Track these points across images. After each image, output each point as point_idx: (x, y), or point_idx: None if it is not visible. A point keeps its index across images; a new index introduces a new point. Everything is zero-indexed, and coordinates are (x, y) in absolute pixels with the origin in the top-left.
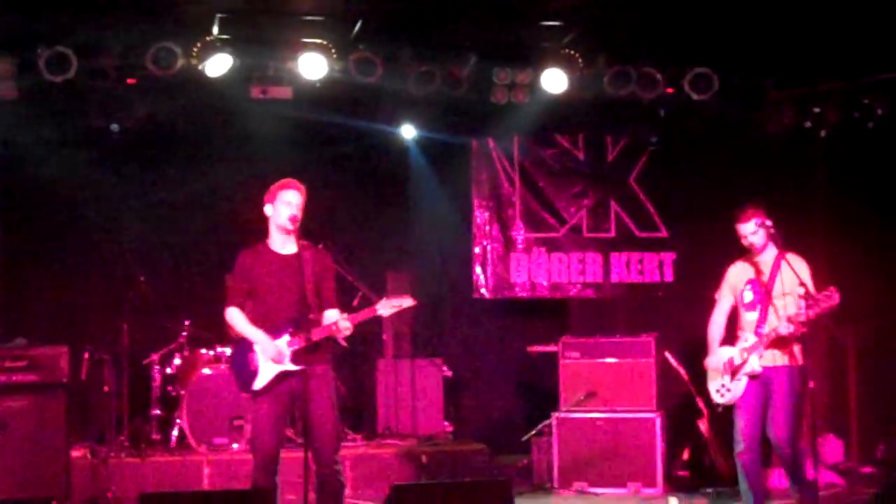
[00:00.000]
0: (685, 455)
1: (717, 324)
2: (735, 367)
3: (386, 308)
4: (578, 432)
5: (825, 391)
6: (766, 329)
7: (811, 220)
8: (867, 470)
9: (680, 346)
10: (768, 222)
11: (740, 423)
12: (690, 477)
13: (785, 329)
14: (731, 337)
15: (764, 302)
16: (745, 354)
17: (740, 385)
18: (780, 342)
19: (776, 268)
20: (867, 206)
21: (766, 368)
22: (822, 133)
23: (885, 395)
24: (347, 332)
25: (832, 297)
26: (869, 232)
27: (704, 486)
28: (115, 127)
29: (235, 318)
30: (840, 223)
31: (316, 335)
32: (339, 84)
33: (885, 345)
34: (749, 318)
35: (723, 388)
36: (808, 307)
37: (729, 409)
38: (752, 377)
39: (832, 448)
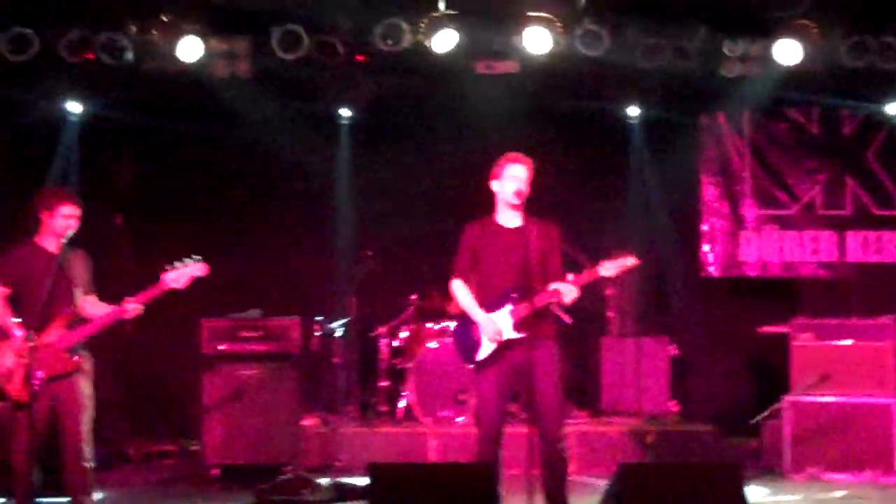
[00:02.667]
0: None
1: None
2: None
3: (609, 269)
4: (811, 416)
5: None
6: None
7: None
8: None
9: None
10: None
11: None
12: None
13: None
14: None
15: None
16: None
17: None
18: None
19: None
20: None
21: None
22: None
23: None
24: (573, 297)
25: None
26: None
27: None
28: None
29: (459, 291)
30: None
31: (539, 301)
32: (566, 59)
33: None
34: None
35: None
36: None
37: None
38: None
39: None
